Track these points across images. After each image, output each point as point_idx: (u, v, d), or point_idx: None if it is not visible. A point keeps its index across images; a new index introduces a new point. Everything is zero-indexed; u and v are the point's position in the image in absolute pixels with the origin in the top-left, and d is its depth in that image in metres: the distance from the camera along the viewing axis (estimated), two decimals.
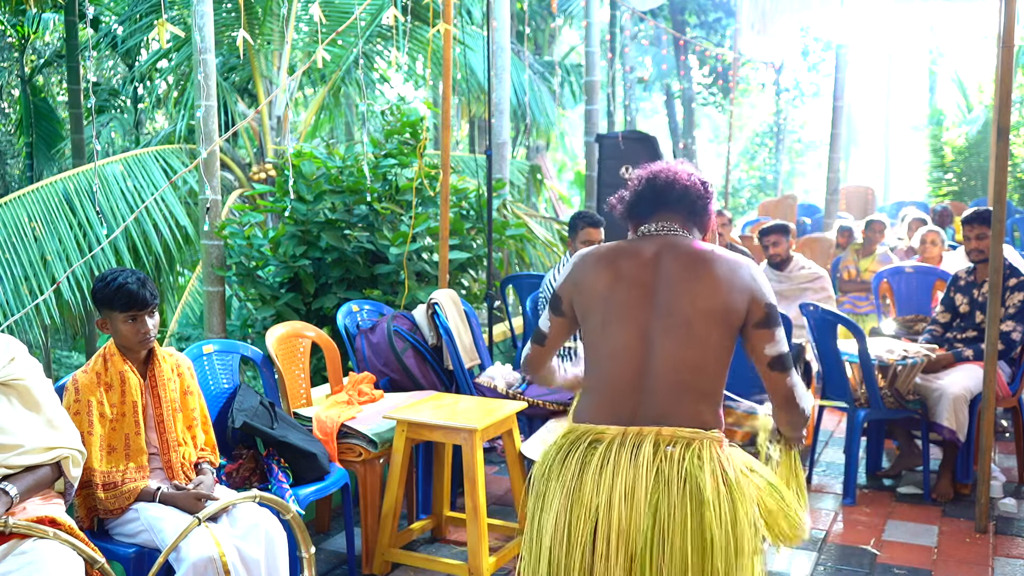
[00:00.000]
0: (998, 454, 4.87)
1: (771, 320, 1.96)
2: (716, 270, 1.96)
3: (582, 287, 2.05)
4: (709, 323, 1.93)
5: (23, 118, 11.62)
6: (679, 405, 1.92)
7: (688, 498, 1.85)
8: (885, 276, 6.25)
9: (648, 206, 2.11)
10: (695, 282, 1.95)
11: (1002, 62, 3.79)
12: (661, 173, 2.12)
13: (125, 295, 2.71)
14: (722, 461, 1.90)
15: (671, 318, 1.94)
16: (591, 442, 1.95)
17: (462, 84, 9.15)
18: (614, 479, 1.88)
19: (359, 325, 4.32)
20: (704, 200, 2.13)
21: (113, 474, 2.71)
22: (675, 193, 2.09)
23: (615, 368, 1.96)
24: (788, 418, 2.08)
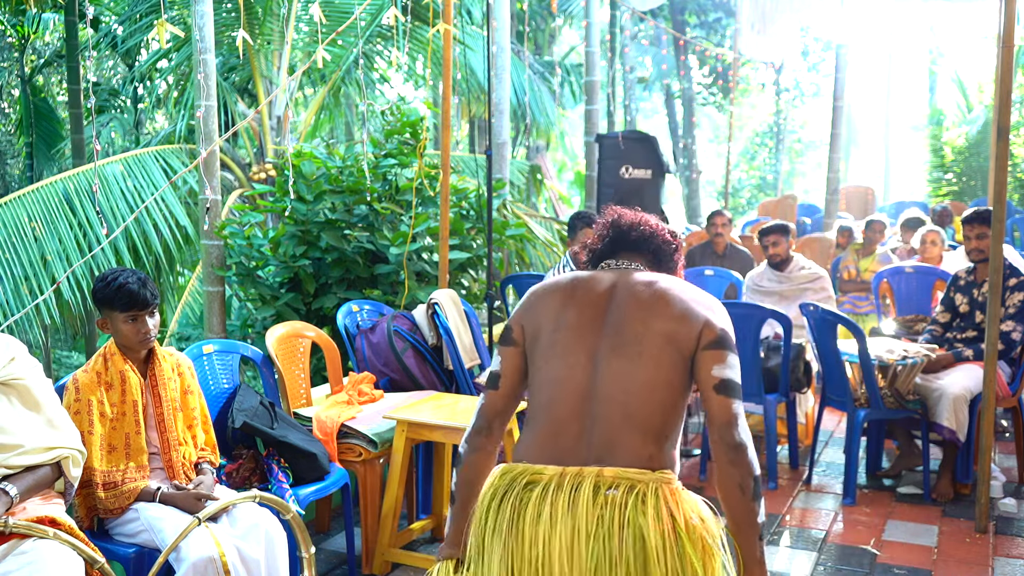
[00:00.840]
0: (998, 454, 4.87)
1: (723, 343, 1.79)
2: (672, 294, 1.84)
3: (532, 311, 1.91)
4: (661, 344, 1.78)
5: (23, 118, 11.62)
6: (625, 438, 1.74)
7: (631, 551, 1.66)
8: (885, 276, 6.26)
9: (611, 245, 2.02)
10: (649, 304, 1.82)
11: (1002, 62, 3.79)
12: (626, 215, 2.06)
13: (125, 295, 2.71)
14: (671, 507, 1.69)
15: (620, 337, 1.80)
16: (527, 484, 1.76)
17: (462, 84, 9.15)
18: (552, 529, 1.69)
19: (359, 325, 4.32)
20: (671, 247, 2.05)
21: (113, 474, 2.71)
22: (640, 233, 2.02)
23: (557, 394, 1.79)
24: (734, 473, 1.72)
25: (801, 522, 4.12)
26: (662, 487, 1.71)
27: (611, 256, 2.02)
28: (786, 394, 4.66)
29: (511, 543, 1.73)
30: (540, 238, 6.98)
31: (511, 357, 1.90)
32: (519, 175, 9.81)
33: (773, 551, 3.78)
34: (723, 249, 6.99)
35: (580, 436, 1.76)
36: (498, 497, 1.78)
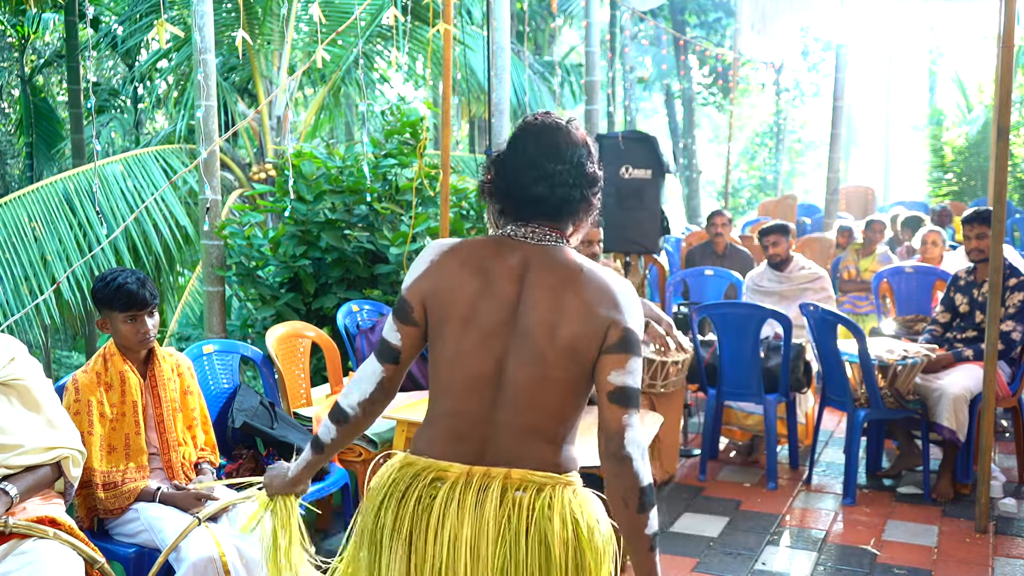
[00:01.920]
0: (998, 454, 4.87)
1: (626, 345, 1.67)
2: (581, 296, 1.69)
3: (440, 294, 1.74)
4: (565, 360, 1.68)
5: (23, 118, 11.62)
6: (531, 445, 1.71)
7: (535, 553, 1.65)
8: (885, 276, 6.26)
9: (517, 206, 1.77)
10: (557, 311, 1.69)
11: (1002, 62, 3.79)
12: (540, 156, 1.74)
13: (125, 295, 2.72)
14: (574, 510, 1.69)
15: (527, 346, 1.69)
16: (432, 480, 1.71)
17: (462, 84, 9.15)
18: (459, 528, 1.66)
19: (359, 325, 4.32)
20: (585, 191, 1.77)
21: (113, 474, 2.71)
22: (547, 194, 1.75)
23: (467, 396, 1.71)
24: (618, 486, 1.66)
25: (801, 522, 4.12)
26: (566, 490, 1.70)
27: (515, 217, 1.78)
28: (786, 394, 4.66)
29: (417, 541, 1.69)
30: None
31: (411, 336, 1.78)
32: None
33: (773, 551, 3.78)
34: (723, 249, 6.98)
35: (487, 440, 1.71)
36: (399, 491, 1.73)
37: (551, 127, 1.77)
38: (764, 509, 4.26)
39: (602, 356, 1.68)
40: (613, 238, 6.14)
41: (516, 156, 1.76)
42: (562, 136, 1.76)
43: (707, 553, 3.74)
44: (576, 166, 1.75)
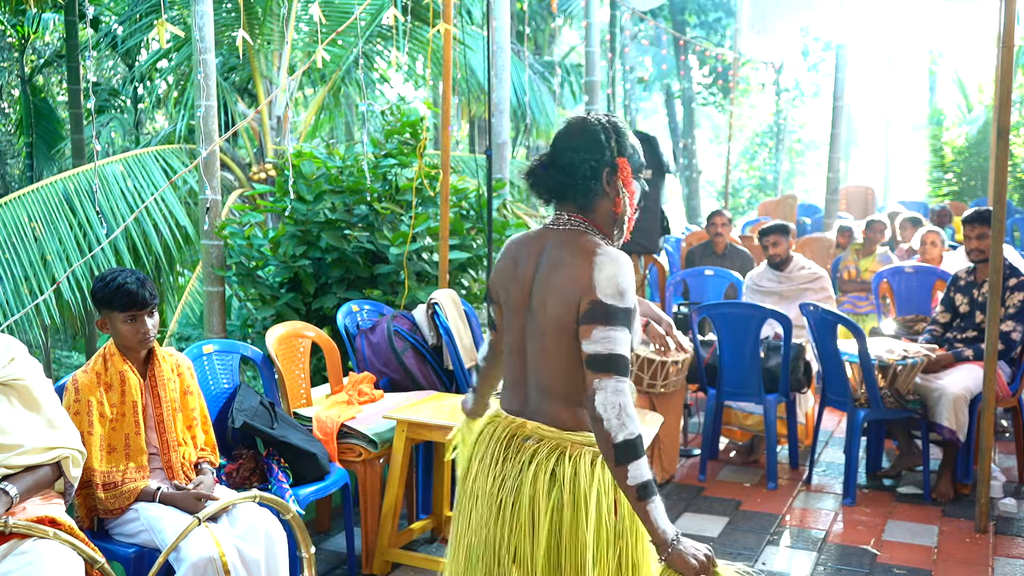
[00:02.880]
0: (998, 454, 4.87)
1: (593, 315, 1.84)
2: (565, 275, 1.90)
3: (496, 279, 2.12)
4: (558, 332, 1.92)
5: (23, 118, 11.62)
6: (544, 404, 1.99)
7: (523, 489, 1.95)
8: (885, 276, 6.26)
9: (538, 195, 2.05)
10: (551, 288, 1.93)
11: (1002, 62, 3.79)
12: (555, 148, 2.00)
13: (124, 295, 2.72)
14: (560, 463, 1.94)
15: (533, 323, 1.98)
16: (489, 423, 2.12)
17: (462, 84, 9.15)
18: (482, 465, 2.04)
19: (359, 325, 4.32)
20: (589, 180, 1.95)
21: (113, 474, 2.71)
22: (559, 176, 1.98)
23: (512, 360, 2.07)
24: (599, 441, 1.83)
25: (801, 522, 4.12)
26: (564, 443, 1.95)
27: (548, 201, 2.06)
28: (786, 394, 4.66)
29: (469, 473, 2.10)
30: None
31: (498, 312, 2.16)
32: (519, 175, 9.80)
33: (773, 551, 3.78)
34: (723, 249, 6.98)
35: (525, 397, 2.03)
36: (482, 434, 2.12)
37: (572, 120, 2.02)
38: (764, 509, 4.26)
39: (578, 327, 1.89)
40: None
41: (546, 152, 2.05)
42: (576, 126, 2.00)
43: None
44: (585, 151, 1.96)
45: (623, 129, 2.00)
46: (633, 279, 1.89)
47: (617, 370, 1.82)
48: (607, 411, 1.79)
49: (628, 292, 1.86)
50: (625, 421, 1.79)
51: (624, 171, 1.97)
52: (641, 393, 4.32)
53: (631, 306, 1.87)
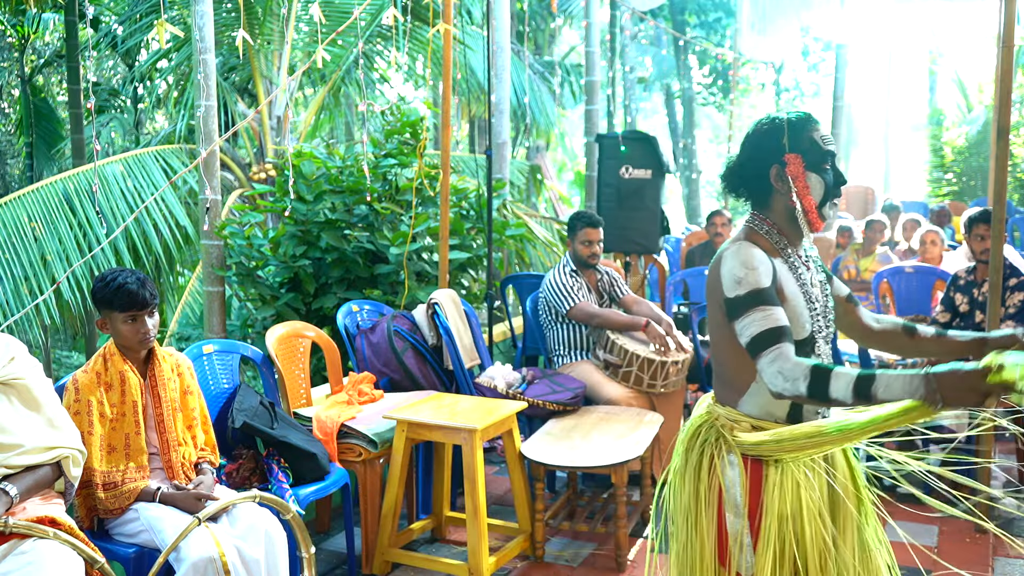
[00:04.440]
0: (998, 454, 4.87)
1: (728, 312, 1.97)
2: (711, 273, 2.04)
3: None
4: (714, 327, 2.07)
5: (23, 118, 11.61)
6: (716, 384, 2.13)
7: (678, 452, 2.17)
8: (885, 276, 6.26)
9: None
10: (706, 285, 2.08)
11: (1002, 62, 3.79)
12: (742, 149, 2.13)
13: (125, 295, 2.71)
14: (711, 437, 2.09)
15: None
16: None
17: (462, 84, 9.15)
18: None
19: (359, 325, 4.32)
20: (748, 172, 2.08)
21: (113, 474, 2.71)
22: (733, 173, 2.12)
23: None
24: (804, 404, 1.98)
25: None
26: (716, 413, 2.09)
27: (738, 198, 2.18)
28: None
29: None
30: (540, 238, 6.98)
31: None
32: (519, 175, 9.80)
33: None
34: None
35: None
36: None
37: (758, 119, 2.14)
38: None
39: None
40: (613, 238, 6.14)
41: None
42: (753, 124, 2.14)
43: None
44: (752, 148, 2.09)
45: (804, 124, 2.05)
46: (758, 263, 1.96)
47: (761, 345, 1.89)
48: (776, 386, 1.87)
49: (745, 278, 1.94)
50: (793, 379, 1.84)
51: (794, 166, 2.02)
52: (641, 393, 4.32)
53: (755, 287, 1.93)
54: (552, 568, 3.59)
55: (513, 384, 4.11)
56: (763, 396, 2.02)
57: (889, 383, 1.73)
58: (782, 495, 1.98)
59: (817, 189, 2.04)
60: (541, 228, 7.44)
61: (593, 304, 4.54)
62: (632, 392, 4.30)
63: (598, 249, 4.63)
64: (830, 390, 1.79)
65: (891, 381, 1.72)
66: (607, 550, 3.74)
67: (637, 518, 3.97)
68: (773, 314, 1.91)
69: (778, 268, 2.01)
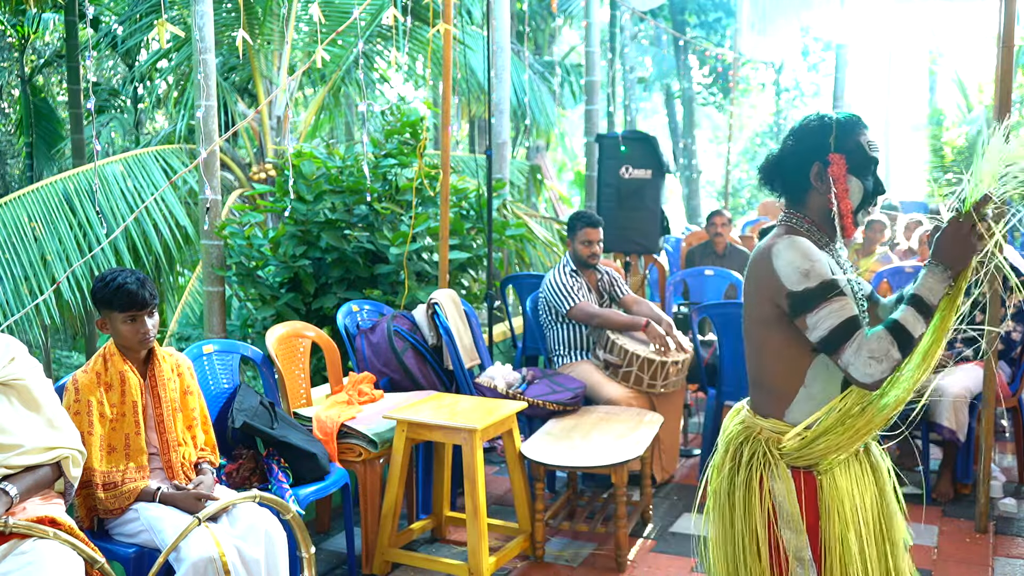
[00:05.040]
0: (998, 454, 4.87)
1: (796, 308, 1.91)
2: (753, 272, 2.00)
3: None
4: (756, 329, 2.03)
5: (23, 118, 11.61)
6: (753, 392, 2.10)
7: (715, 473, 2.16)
8: (885, 276, 6.25)
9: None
10: (746, 290, 2.05)
11: (1002, 62, 3.79)
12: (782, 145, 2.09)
13: (124, 295, 2.71)
14: (744, 447, 2.06)
15: (744, 324, 2.11)
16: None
17: (462, 84, 9.15)
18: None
19: (359, 325, 4.32)
20: (786, 169, 2.04)
21: (113, 474, 2.71)
22: (775, 174, 2.08)
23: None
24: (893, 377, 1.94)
25: None
26: (756, 427, 2.04)
27: (771, 192, 2.13)
28: None
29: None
30: (540, 238, 6.98)
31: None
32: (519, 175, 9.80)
33: None
34: (723, 249, 6.98)
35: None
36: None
37: (804, 117, 2.10)
38: None
39: (792, 323, 1.94)
40: (613, 238, 6.14)
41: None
42: (800, 121, 2.08)
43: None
44: (795, 144, 2.04)
45: (854, 126, 2.00)
46: (817, 254, 1.92)
47: (842, 341, 1.85)
48: (870, 372, 1.83)
49: (813, 269, 1.89)
50: (884, 354, 1.82)
51: (837, 166, 1.98)
52: (641, 393, 4.32)
53: (825, 278, 1.88)
54: (552, 568, 3.59)
55: (513, 384, 4.11)
56: (812, 401, 1.98)
57: (929, 287, 1.84)
58: (838, 504, 1.95)
59: (856, 194, 2.00)
60: (541, 228, 7.44)
61: (593, 304, 4.54)
62: (632, 392, 4.30)
63: (598, 249, 4.63)
64: (912, 333, 1.83)
65: (928, 286, 1.84)
66: (607, 550, 3.74)
67: (637, 518, 3.97)
68: (847, 304, 1.88)
69: (829, 262, 1.97)
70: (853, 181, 1.99)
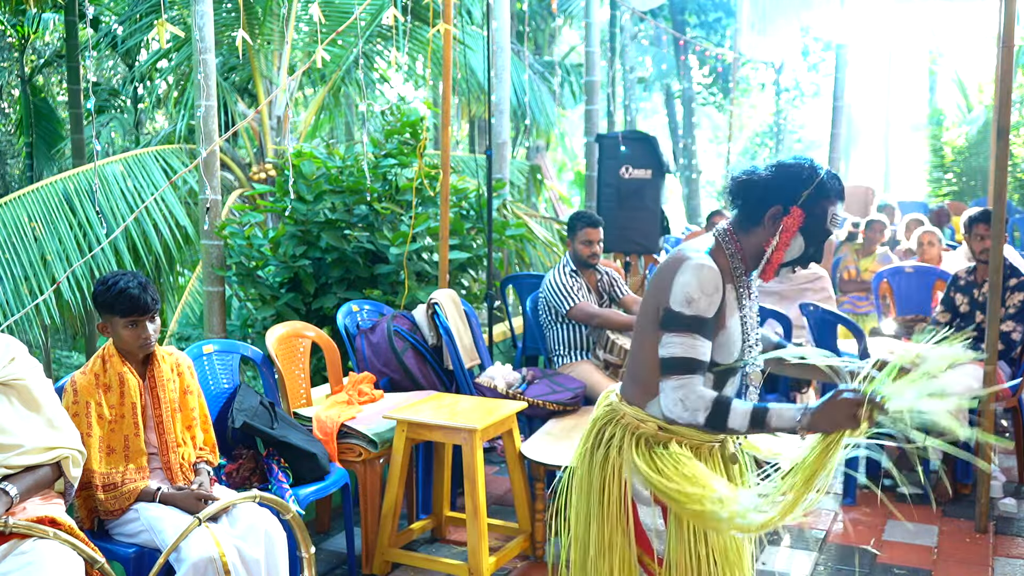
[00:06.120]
0: (998, 454, 4.87)
1: (663, 321, 1.98)
2: (659, 275, 2.05)
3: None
4: (644, 330, 2.07)
5: (23, 118, 11.60)
6: (626, 383, 2.17)
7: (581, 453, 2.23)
8: (885, 276, 6.25)
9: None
10: (647, 290, 2.11)
11: (1002, 62, 3.79)
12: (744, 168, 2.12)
13: (127, 301, 2.70)
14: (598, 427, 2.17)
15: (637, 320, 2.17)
16: None
17: (462, 84, 9.15)
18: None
19: (359, 325, 4.32)
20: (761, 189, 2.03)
21: (112, 475, 2.71)
22: (737, 194, 2.09)
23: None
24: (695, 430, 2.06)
25: (801, 522, 4.11)
26: (621, 412, 2.12)
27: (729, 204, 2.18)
28: (786, 394, 4.66)
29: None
30: (540, 238, 6.98)
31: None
32: (519, 175, 9.80)
33: (773, 551, 3.78)
34: None
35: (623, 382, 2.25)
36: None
37: (797, 155, 2.13)
38: None
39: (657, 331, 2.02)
40: (613, 238, 6.14)
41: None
42: (791, 158, 2.09)
43: None
44: (772, 178, 2.04)
45: (829, 192, 2.01)
46: (713, 290, 1.95)
47: (674, 371, 1.95)
48: (672, 411, 1.97)
49: (697, 301, 1.94)
50: (692, 410, 1.94)
51: (793, 219, 2.00)
52: None
53: (700, 315, 1.94)
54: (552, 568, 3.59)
55: (513, 384, 4.11)
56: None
57: (780, 412, 1.90)
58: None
59: (794, 252, 2.04)
60: (541, 228, 7.44)
61: (593, 304, 4.54)
62: None
63: (598, 249, 4.63)
64: (728, 421, 1.92)
65: (782, 411, 1.90)
66: None
67: None
68: (700, 346, 1.95)
69: (727, 296, 2.01)
70: (798, 240, 2.03)
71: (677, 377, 1.95)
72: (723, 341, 2.02)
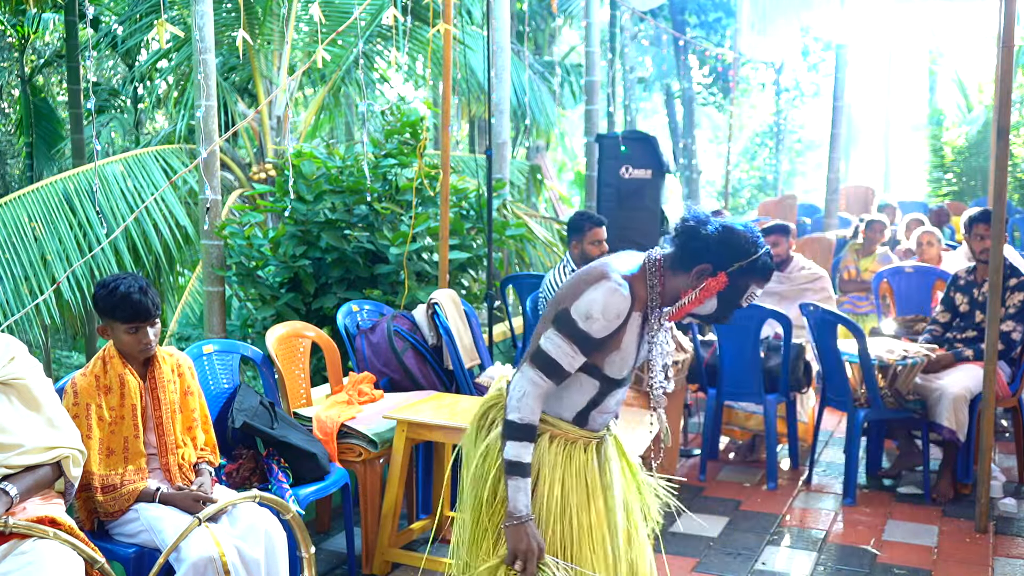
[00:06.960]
0: (998, 454, 4.87)
1: (555, 318, 2.06)
2: (575, 279, 2.12)
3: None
4: (548, 310, 2.15)
5: (23, 118, 11.60)
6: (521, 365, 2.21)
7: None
8: (885, 276, 6.25)
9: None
10: (568, 279, 2.20)
11: (1002, 62, 3.79)
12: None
13: (128, 306, 2.70)
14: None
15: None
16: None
17: (462, 84, 9.15)
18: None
19: (359, 325, 4.32)
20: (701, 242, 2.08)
21: (112, 477, 2.70)
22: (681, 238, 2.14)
23: None
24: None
25: (801, 522, 4.12)
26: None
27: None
28: (786, 394, 4.66)
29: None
30: (540, 238, 6.97)
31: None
32: (519, 175, 9.80)
33: (773, 551, 3.78)
34: None
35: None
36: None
37: (751, 223, 2.19)
38: (764, 509, 4.26)
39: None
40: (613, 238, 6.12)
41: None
42: (744, 226, 2.13)
43: (707, 553, 3.74)
44: (716, 236, 2.08)
45: (756, 272, 2.07)
46: (615, 317, 2.02)
47: (538, 364, 2.06)
48: (512, 391, 2.08)
49: (595, 321, 2.01)
50: (519, 405, 2.05)
51: (715, 283, 2.06)
52: (641, 393, 4.32)
53: (590, 335, 2.02)
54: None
55: None
56: (559, 401, 2.14)
57: (519, 489, 2.04)
58: (548, 464, 2.13)
59: (703, 309, 2.11)
60: (541, 228, 7.44)
61: None
62: (632, 392, 4.30)
63: (606, 248, 4.65)
64: (516, 442, 2.05)
65: (520, 491, 2.04)
66: None
67: None
68: (573, 358, 2.04)
69: (631, 321, 2.07)
70: (712, 301, 2.09)
71: (537, 372, 2.06)
72: (615, 359, 2.10)
